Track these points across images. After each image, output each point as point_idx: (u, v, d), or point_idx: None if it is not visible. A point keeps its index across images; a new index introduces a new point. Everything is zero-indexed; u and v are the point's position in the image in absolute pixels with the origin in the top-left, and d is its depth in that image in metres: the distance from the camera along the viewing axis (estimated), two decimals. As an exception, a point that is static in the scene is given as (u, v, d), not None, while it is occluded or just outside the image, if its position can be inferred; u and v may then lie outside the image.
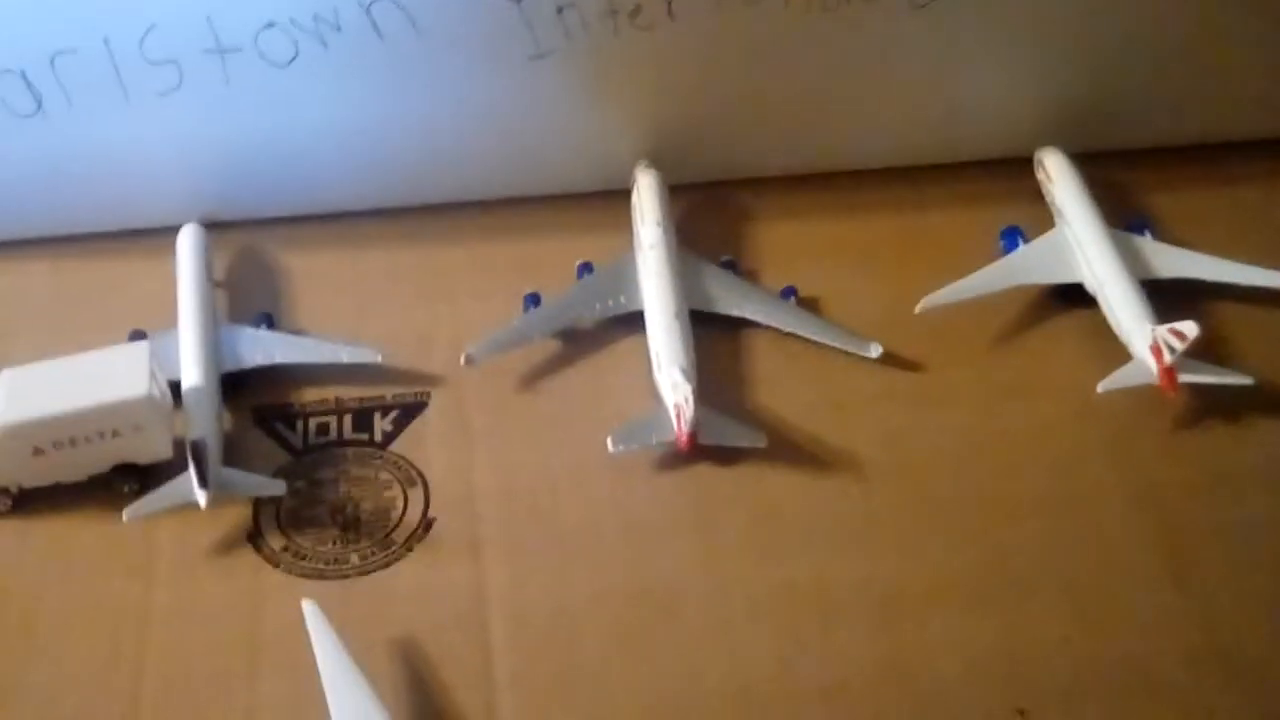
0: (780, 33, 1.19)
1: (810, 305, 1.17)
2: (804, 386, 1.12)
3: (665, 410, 1.05)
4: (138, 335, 1.12)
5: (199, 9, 1.13)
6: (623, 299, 1.16)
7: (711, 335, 1.14)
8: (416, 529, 1.03)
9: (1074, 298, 1.16)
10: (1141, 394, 1.08)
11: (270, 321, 1.16)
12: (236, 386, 1.11)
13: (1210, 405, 1.09)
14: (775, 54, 1.20)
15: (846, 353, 1.13)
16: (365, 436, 1.09)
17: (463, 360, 1.11)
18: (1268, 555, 1.00)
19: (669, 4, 1.16)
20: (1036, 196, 1.24)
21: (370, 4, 1.13)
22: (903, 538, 1.02)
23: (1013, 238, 1.21)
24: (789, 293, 1.18)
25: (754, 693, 0.94)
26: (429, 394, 1.12)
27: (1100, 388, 1.07)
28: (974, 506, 1.04)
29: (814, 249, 1.23)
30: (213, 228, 1.21)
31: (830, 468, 1.06)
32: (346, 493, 1.05)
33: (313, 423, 1.10)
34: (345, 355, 1.12)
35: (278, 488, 1.03)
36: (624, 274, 1.17)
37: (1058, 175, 1.23)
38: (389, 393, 1.12)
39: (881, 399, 1.11)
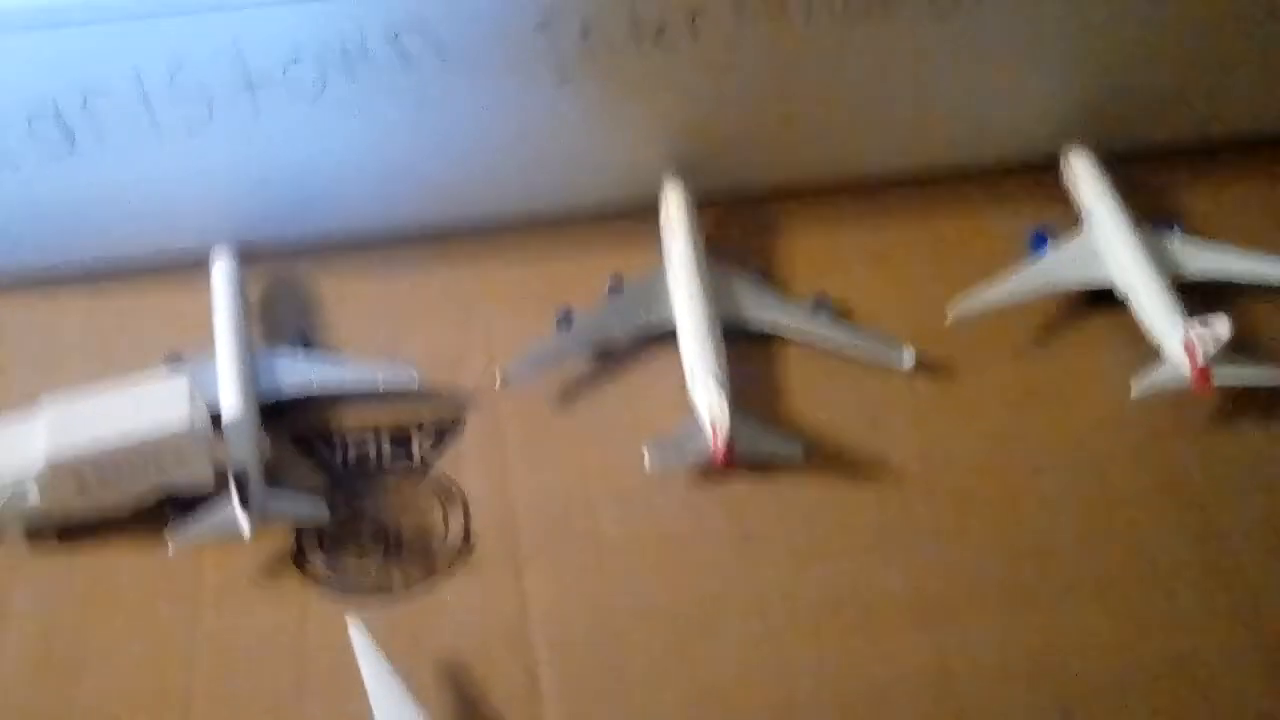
0: (803, 46, 1.19)
1: (841, 315, 1.18)
2: (838, 396, 1.12)
3: (701, 424, 1.06)
4: (173, 358, 1.13)
5: (228, 44, 1.13)
6: (655, 315, 1.16)
7: (744, 348, 1.14)
8: (458, 548, 1.03)
9: (1105, 299, 1.16)
10: (1175, 393, 1.08)
11: (306, 347, 1.17)
12: (275, 412, 1.11)
13: (1244, 403, 1.09)
14: (799, 67, 1.21)
15: (879, 362, 1.13)
16: (404, 458, 1.10)
17: (497, 382, 1.12)
18: (1308, 551, 1.00)
19: (693, 23, 1.16)
20: (1064, 199, 1.25)
21: (397, 34, 1.14)
22: (941, 543, 1.03)
23: (1041, 241, 1.21)
24: (820, 303, 1.18)
25: (798, 702, 0.94)
26: (465, 414, 1.12)
27: (1134, 389, 1.07)
28: (1011, 510, 1.04)
29: (843, 258, 1.23)
30: (246, 256, 1.22)
31: (867, 476, 1.07)
32: (388, 514, 1.06)
33: (352, 446, 1.11)
34: (382, 378, 1.13)
35: (320, 511, 1.04)
36: (655, 290, 1.18)
37: (1084, 176, 1.23)
38: (426, 414, 1.12)
39: (915, 406, 1.12)
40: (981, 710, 0.93)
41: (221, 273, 1.19)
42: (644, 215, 1.24)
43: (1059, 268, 1.18)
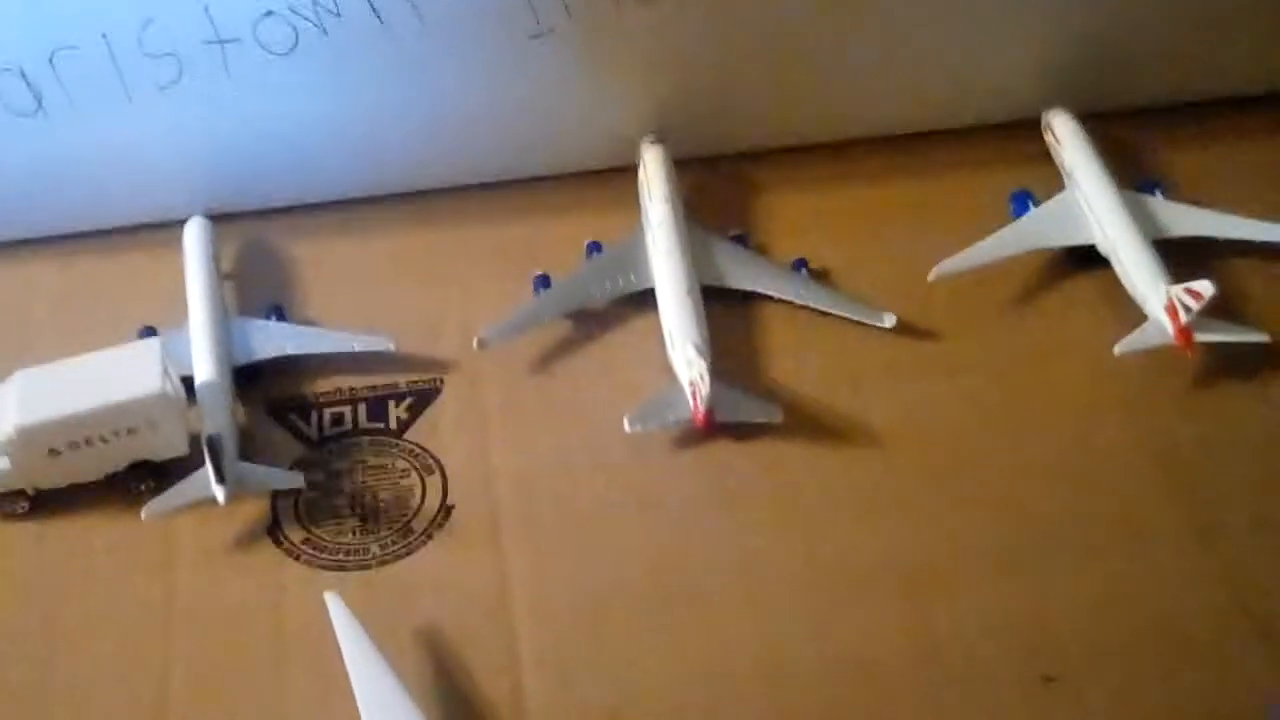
0: (783, 2, 1.18)
1: (822, 276, 1.17)
2: (819, 359, 1.11)
3: (681, 388, 1.05)
4: (148, 332, 1.12)
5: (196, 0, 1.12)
6: (633, 277, 1.15)
7: (724, 310, 1.13)
8: (436, 516, 1.02)
9: (1087, 260, 1.16)
10: (1158, 354, 1.07)
11: (280, 313, 1.15)
12: (249, 379, 1.10)
13: (1226, 363, 1.09)
14: (779, 24, 1.19)
15: (860, 323, 1.13)
16: (380, 425, 1.08)
17: (475, 345, 1.10)
18: (1292, 511, 1.00)
19: (671, -23, 1.16)
20: (1045, 159, 1.24)
21: (369, -13, 1.13)
22: (924, 507, 1.02)
23: (1023, 201, 1.20)
24: (800, 265, 1.17)
25: (783, 668, 0.94)
26: (442, 380, 1.11)
27: (1117, 350, 1.07)
28: (994, 473, 1.04)
29: (823, 219, 1.22)
30: (218, 220, 1.20)
31: (849, 440, 1.06)
32: (364, 482, 1.05)
33: (327, 413, 1.09)
34: (357, 344, 1.12)
35: (295, 480, 1.03)
36: (633, 252, 1.17)
37: (1066, 137, 1.22)
38: (402, 380, 1.11)
39: (897, 369, 1.11)
40: (967, 676, 0.93)
41: (194, 237, 1.18)
42: (622, 175, 1.23)
43: (1041, 228, 1.18)
